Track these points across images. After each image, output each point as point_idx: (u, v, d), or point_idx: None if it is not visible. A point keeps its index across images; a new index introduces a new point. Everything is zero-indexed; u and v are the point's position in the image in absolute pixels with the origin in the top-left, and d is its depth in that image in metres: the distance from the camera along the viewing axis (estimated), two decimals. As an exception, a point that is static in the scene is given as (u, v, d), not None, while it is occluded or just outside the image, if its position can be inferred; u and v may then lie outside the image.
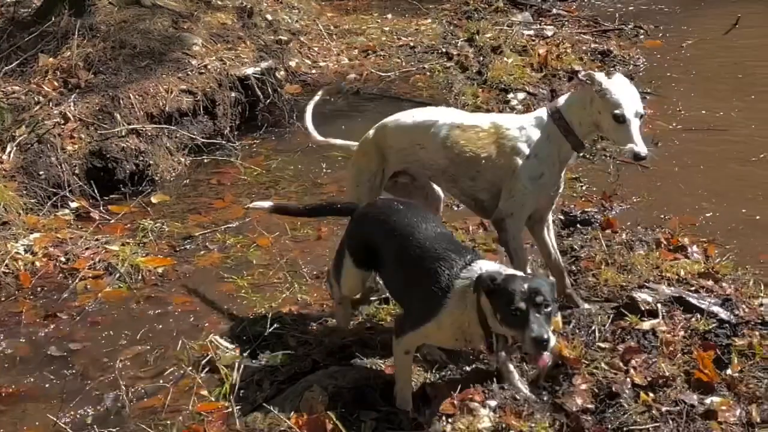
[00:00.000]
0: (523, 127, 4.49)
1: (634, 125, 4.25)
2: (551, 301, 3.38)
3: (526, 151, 4.42)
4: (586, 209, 6.05)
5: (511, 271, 3.62)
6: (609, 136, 4.47)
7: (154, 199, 6.71)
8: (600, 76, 4.38)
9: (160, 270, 5.62)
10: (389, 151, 4.70)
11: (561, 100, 4.54)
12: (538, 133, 4.44)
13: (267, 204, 4.91)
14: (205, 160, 7.40)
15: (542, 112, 4.53)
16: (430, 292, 3.68)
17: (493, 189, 4.53)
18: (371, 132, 4.83)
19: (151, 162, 7.02)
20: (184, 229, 6.16)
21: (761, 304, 4.67)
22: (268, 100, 8.25)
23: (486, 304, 3.50)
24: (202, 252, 5.87)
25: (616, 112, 4.23)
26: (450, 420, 3.97)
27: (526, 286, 3.36)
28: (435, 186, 4.90)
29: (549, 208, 4.74)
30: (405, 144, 4.66)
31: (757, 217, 5.94)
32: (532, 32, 10.08)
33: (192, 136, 7.46)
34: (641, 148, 4.23)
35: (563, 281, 4.71)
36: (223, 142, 7.65)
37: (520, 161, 4.43)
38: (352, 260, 4.24)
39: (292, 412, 3.99)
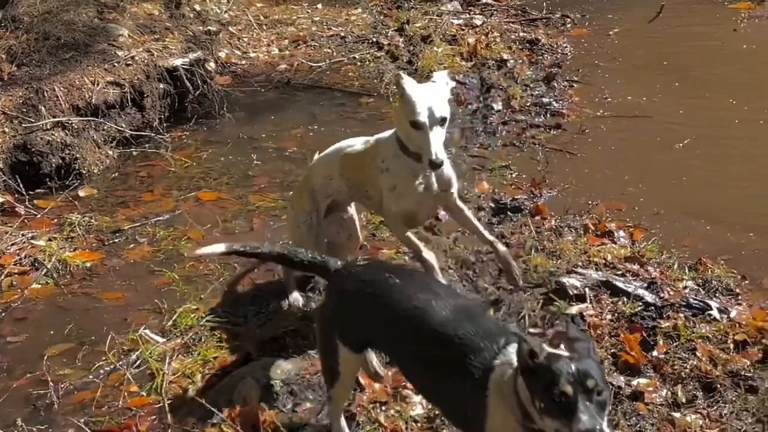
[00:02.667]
0: (380, 145, 4.45)
1: (434, 131, 4.06)
2: (604, 387, 2.71)
3: (383, 166, 4.37)
4: (516, 196, 6.11)
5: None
6: (414, 143, 4.21)
7: (81, 193, 6.58)
8: (406, 80, 4.20)
9: (88, 264, 5.54)
10: (314, 189, 4.75)
11: None
12: (390, 149, 4.35)
13: (220, 248, 3.71)
14: (134, 153, 7.27)
15: None
16: (465, 400, 3.03)
17: None
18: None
19: (77, 155, 6.87)
20: (113, 223, 6.06)
21: (685, 287, 4.80)
22: (198, 92, 8.13)
23: (522, 387, 2.82)
24: (131, 245, 5.78)
25: (411, 118, 4.08)
26: (383, 407, 4.00)
27: (573, 366, 2.69)
28: (358, 227, 5.00)
29: (427, 214, 4.68)
30: (321, 178, 4.72)
31: (681, 202, 6.05)
32: (461, 21, 10.11)
33: (120, 128, 7.32)
34: (435, 155, 4.05)
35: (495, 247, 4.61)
36: (152, 134, 7.52)
37: (381, 175, 4.41)
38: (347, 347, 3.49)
39: (225, 406, 3.99)
